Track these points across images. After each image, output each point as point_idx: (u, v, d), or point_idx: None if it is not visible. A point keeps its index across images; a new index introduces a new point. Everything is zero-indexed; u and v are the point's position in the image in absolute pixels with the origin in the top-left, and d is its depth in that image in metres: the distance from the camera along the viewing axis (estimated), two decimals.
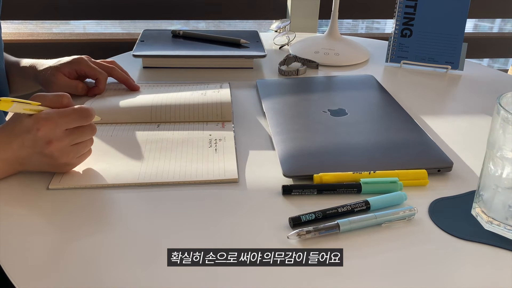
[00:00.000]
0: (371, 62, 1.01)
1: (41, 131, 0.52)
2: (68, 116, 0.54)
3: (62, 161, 0.55)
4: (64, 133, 0.53)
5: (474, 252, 0.48)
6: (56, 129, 0.52)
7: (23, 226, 0.50)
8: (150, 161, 0.61)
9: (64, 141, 0.53)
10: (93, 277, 0.44)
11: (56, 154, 0.53)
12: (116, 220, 0.52)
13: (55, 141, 0.53)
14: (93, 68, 0.78)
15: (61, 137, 0.53)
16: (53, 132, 0.52)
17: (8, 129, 0.54)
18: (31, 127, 0.52)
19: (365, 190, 0.56)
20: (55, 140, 0.53)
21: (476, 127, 0.74)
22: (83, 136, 0.56)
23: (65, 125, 0.53)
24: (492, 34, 1.70)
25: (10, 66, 0.85)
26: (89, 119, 0.55)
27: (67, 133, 0.54)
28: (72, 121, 0.54)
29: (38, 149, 0.53)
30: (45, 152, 0.53)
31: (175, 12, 1.36)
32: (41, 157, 0.54)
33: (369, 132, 0.68)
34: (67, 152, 0.54)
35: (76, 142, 0.55)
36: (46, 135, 0.52)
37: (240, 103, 0.79)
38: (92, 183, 0.56)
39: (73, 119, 0.54)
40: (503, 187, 0.49)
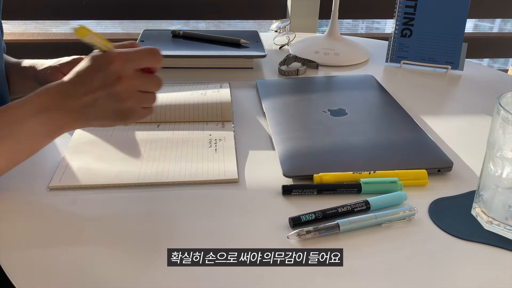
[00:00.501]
0: (371, 62, 1.01)
1: (113, 64, 0.50)
2: (140, 52, 0.52)
3: (128, 105, 0.52)
4: (134, 73, 0.52)
5: (474, 252, 0.48)
6: (127, 65, 0.51)
7: (23, 226, 0.50)
8: (150, 161, 0.61)
9: (132, 81, 0.51)
10: (93, 277, 0.44)
11: (123, 95, 0.51)
12: (116, 220, 0.52)
13: (125, 79, 0.51)
14: None
15: (130, 76, 0.51)
16: (124, 67, 0.51)
17: (77, 73, 0.52)
18: (102, 63, 0.51)
19: (365, 190, 0.56)
20: (125, 77, 0.51)
21: (476, 127, 0.74)
22: (150, 84, 0.53)
23: (136, 61, 0.52)
24: (492, 34, 1.70)
25: (10, 67, 0.85)
26: (158, 57, 0.53)
27: (136, 74, 0.52)
28: (143, 58, 0.52)
29: (106, 89, 0.51)
30: (114, 89, 0.50)
31: (175, 12, 1.36)
32: (108, 99, 0.51)
33: (369, 132, 0.68)
34: (133, 95, 0.52)
35: (143, 90, 0.53)
36: (117, 70, 0.50)
37: (240, 103, 0.79)
38: (92, 183, 0.56)
39: (144, 56, 0.52)
40: (503, 187, 0.49)
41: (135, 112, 0.53)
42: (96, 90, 0.51)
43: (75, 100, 0.51)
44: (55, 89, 0.52)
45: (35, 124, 0.51)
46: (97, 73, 0.51)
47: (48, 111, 0.51)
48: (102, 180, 0.57)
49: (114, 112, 0.52)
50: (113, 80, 0.51)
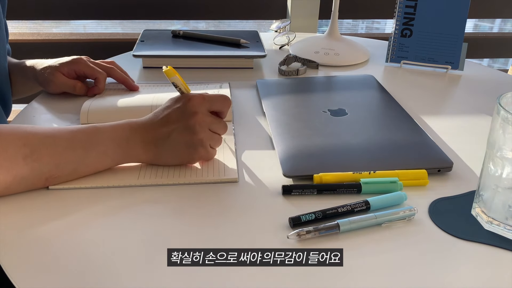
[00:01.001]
0: (371, 62, 1.01)
1: (191, 101, 0.57)
2: (214, 96, 0.59)
3: (199, 137, 0.57)
4: (208, 112, 0.58)
5: (474, 252, 0.48)
6: (203, 104, 0.57)
7: (23, 226, 0.50)
8: None
9: (206, 117, 0.58)
10: (93, 277, 0.44)
11: (197, 128, 0.56)
12: (116, 220, 0.52)
13: (200, 114, 0.57)
14: (92, 68, 0.78)
15: (205, 113, 0.57)
16: (200, 106, 0.57)
17: (156, 113, 0.59)
18: (182, 99, 0.58)
19: (365, 190, 0.56)
20: (200, 113, 0.57)
21: (476, 127, 0.74)
22: (219, 125, 0.60)
23: (211, 103, 0.58)
24: (492, 34, 1.70)
25: (12, 67, 0.85)
26: (229, 103, 0.60)
27: (209, 114, 0.58)
28: (216, 102, 0.59)
29: (183, 121, 0.56)
30: (189, 122, 0.56)
31: (175, 12, 1.36)
32: (182, 130, 0.56)
33: (369, 132, 0.68)
34: (206, 130, 0.58)
35: (213, 130, 0.59)
36: (194, 106, 0.57)
37: (240, 103, 0.79)
38: (92, 184, 0.56)
39: (217, 100, 0.59)
40: (503, 187, 0.49)
41: (204, 146, 0.58)
42: (173, 122, 0.57)
43: (151, 132, 0.57)
44: (136, 124, 0.58)
45: (108, 148, 0.56)
46: (176, 109, 0.57)
47: (124, 140, 0.57)
48: (102, 180, 0.57)
49: (185, 143, 0.57)
50: (190, 114, 0.57)
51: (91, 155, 0.55)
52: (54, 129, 0.56)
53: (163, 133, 0.57)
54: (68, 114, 0.74)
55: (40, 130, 0.55)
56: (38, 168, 0.52)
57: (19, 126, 0.55)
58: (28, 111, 0.76)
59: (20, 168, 0.51)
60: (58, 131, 0.55)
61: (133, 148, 0.57)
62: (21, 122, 0.72)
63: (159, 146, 0.57)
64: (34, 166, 0.52)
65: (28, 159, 0.51)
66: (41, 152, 0.52)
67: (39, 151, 0.52)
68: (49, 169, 0.53)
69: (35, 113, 0.75)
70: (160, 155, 0.58)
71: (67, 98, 0.78)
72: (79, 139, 0.55)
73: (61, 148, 0.54)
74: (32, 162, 0.52)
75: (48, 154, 0.53)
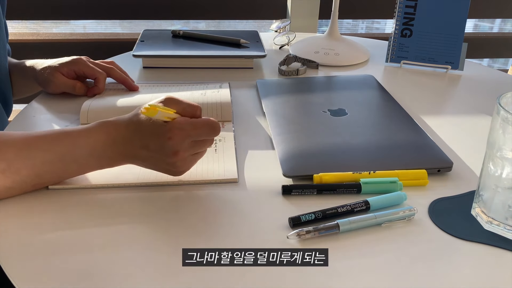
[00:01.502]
0: (371, 62, 1.01)
1: (172, 140, 0.52)
2: (200, 129, 0.54)
3: (181, 170, 0.55)
4: (190, 144, 0.53)
5: (474, 252, 0.48)
6: (186, 140, 0.53)
7: (23, 226, 0.50)
8: None
9: (188, 152, 0.54)
10: (93, 277, 0.44)
11: (178, 164, 0.54)
12: (115, 220, 0.52)
13: (181, 152, 0.53)
14: (92, 68, 0.78)
15: (187, 149, 0.53)
16: (183, 143, 0.52)
17: (137, 128, 0.53)
18: (163, 134, 0.52)
19: (365, 190, 0.56)
20: (182, 151, 0.53)
21: (476, 127, 0.74)
22: (204, 146, 0.56)
23: (195, 137, 0.53)
24: (492, 34, 1.70)
25: (12, 67, 0.85)
26: (217, 133, 0.55)
27: (192, 144, 0.54)
28: (202, 134, 0.54)
29: (162, 156, 0.53)
30: (169, 161, 0.53)
31: (175, 12, 1.35)
32: (161, 162, 0.54)
33: (369, 132, 0.68)
34: (188, 162, 0.55)
35: (196, 152, 0.55)
36: (175, 145, 0.52)
37: (240, 103, 0.79)
38: (92, 183, 0.56)
39: (203, 132, 0.54)
40: (503, 187, 0.49)
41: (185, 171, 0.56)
42: (152, 151, 0.53)
43: (131, 148, 0.54)
44: (114, 129, 0.54)
45: (88, 161, 0.54)
46: (156, 140, 0.52)
47: (103, 153, 0.54)
48: (102, 180, 0.57)
49: (166, 170, 0.55)
50: (170, 153, 0.52)
51: (71, 166, 0.54)
52: (29, 138, 0.53)
53: (142, 155, 0.54)
54: (68, 114, 0.74)
55: (16, 142, 0.52)
56: (19, 179, 0.52)
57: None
58: (28, 111, 0.76)
59: (2, 181, 0.51)
60: (35, 142, 0.53)
61: (113, 160, 0.55)
62: (21, 122, 0.73)
63: (138, 161, 0.55)
64: (15, 179, 0.51)
65: (7, 172, 0.51)
66: (18, 165, 0.51)
67: (16, 164, 0.51)
68: (31, 179, 0.53)
69: (35, 113, 0.75)
70: (139, 166, 0.56)
71: (67, 98, 0.78)
72: (57, 152, 0.53)
73: (38, 161, 0.52)
74: (12, 174, 0.51)
75: (26, 167, 0.52)
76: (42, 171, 0.53)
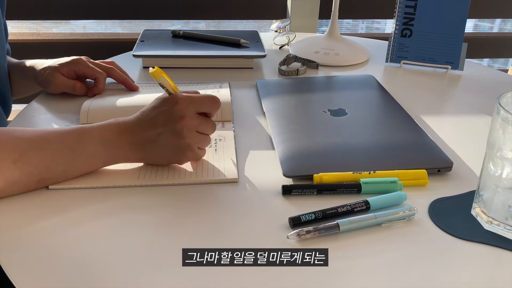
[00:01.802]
0: (371, 62, 1.01)
1: (178, 105, 0.56)
2: (202, 99, 0.58)
3: (187, 142, 0.57)
4: (195, 114, 0.57)
5: (474, 252, 0.48)
6: (190, 106, 0.56)
7: (23, 226, 0.50)
8: None
9: (193, 120, 0.57)
10: (93, 277, 0.44)
11: (184, 132, 0.56)
12: (115, 220, 0.52)
13: (187, 118, 0.56)
14: (92, 68, 0.78)
15: (192, 116, 0.57)
16: (187, 109, 0.56)
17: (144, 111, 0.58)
18: (169, 103, 0.56)
19: (365, 190, 0.56)
20: (187, 117, 0.56)
21: (476, 127, 0.74)
22: (207, 126, 0.59)
23: (198, 105, 0.57)
24: (492, 34, 1.70)
25: (12, 67, 0.85)
26: (218, 105, 0.59)
27: (196, 116, 0.57)
28: (204, 104, 0.58)
29: (169, 125, 0.56)
30: (176, 126, 0.56)
31: (175, 12, 1.35)
32: (169, 134, 0.56)
33: (369, 132, 0.68)
34: (193, 134, 0.57)
35: (200, 131, 0.58)
36: (181, 109, 0.56)
37: (240, 103, 0.79)
38: (92, 184, 0.56)
39: (205, 102, 0.58)
40: (503, 187, 0.49)
41: (191, 150, 0.58)
42: (160, 126, 0.56)
43: (139, 134, 0.57)
44: (124, 122, 0.58)
45: (97, 150, 0.56)
46: (163, 111, 0.56)
47: (113, 142, 0.56)
48: (102, 180, 0.57)
49: (172, 147, 0.57)
50: (177, 118, 0.56)
51: (80, 157, 0.56)
52: (42, 132, 0.56)
53: (150, 136, 0.56)
54: (68, 114, 0.74)
55: (28, 134, 0.55)
56: (28, 170, 0.53)
57: (6, 130, 0.54)
58: (28, 111, 0.76)
59: (11, 172, 0.51)
60: (47, 134, 0.55)
61: (121, 150, 0.57)
62: (21, 122, 0.72)
63: (146, 148, 0.57)
64: (25, 169, 0.52)
65: (18, 162, 0.52)
66: (31, 155, 0.53)
67: (28, 154, 0.52)
68: (40, 171, 0.53)
69: (35, 113, 0.75)
70: (148, 156, 0.58)
71: (67, 98, 0.78)
72: (68, 141, 0.55)
73: (50, 151, 0.54)
74: (22, 165, 0.52)
75: (38, 157, 0.53)
76: (52, 161, 0.54)
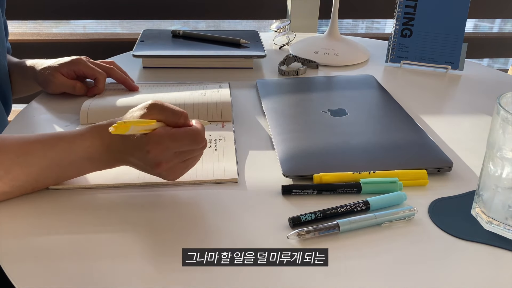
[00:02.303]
0: (371, 62, 1.01)
1: (151, 153, 0.51)
2: (181, 140, 0.52)
3: (170, 178, 0.55)
4: (174, 154, 0.52)
5: (474, 252, 0.48)
6: (166, 152, 0.51)
7: (23, 226, 0.50)
8: None
9: (173, 161, 0.52)
10: (93, 277, 0.44)
11: (164, 173, 0.54)
12: (115, 220, 0.52)
13: (164, 163, 0.52)
14: (92, 68, 0.78)
15: (170, 159, 0.52)
16: (163, 155, 0.51)
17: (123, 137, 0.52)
18: (142, 147, 0.51)
19: (365, 190, 0.56)
20: (164, 162, 0.52)
21: (476, 127, 0.74)
22: (193, 154, 0.54)
23: (176, 149, 0.52)
24: (492, 34, 1.70)
25: (12, 66, 0.85)
26: (200, 144, 0.53)
27: (176, 155, 0.52)
28: (183, 146, 0.52)
29: (147, 167, 0.53)
30: (153, 172, 0.53)
31: (175, 12, 1.35)
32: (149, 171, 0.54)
33: (369, 132, 0.68)
34: (175, 170, 0.54)
35: (185, 159, 0.54)
36: (156, 157, 0.51)
37: (240, 103, 0.79)
38: (92, 184, 0.56)
39: (184, 144, 0.52)
40: (503, 187, 0.49)
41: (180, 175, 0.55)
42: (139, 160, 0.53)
43: (124, 154, 0.53)
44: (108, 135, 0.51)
45: (84, 165, 0.54)
46: (137, 152, 0.52)
47: (99, 159, 0.54)
48: (101, 180, 0.57)
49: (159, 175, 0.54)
50: (153, 164, 0.52)
51: (68, 171, 0.55)
52: (27, 144, 0.53)
53: (133, 161, 0.54)
54: (68, 114, 0.74)
55: (13, 148, 0.52)
56: (17, 185, 0.52)
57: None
58: (28, 111, 0.76)
59: (0, 187, 0.51)
60: (31, 148, 0.52)
61: (108, 164, 0.55)
62: (21, 122, 0.72)
63: (131, 165, 0.55)
64: (13, 184, 0.52)
65: (4, 179, 0.51)
66: (16, 173, 0.51)
67: (13, 172, 0.51)
68: (30, 183, 0.53)
69: (35, 113, 0.75)
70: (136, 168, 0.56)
71: (67, 98, 0.78)
72: (53, 157, 0.53)
73: (36, 167, 0.52)
74: (10, 181, 0.51)
75: (23, 174, 0.52)
76: (40, 176, 0.53)
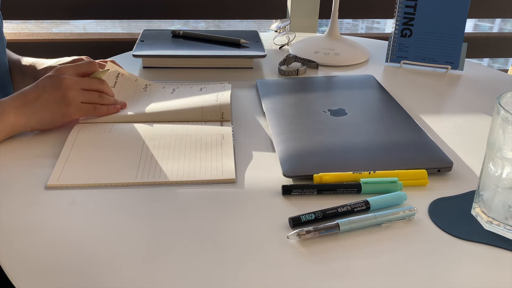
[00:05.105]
0: (371, 62, 1.01)
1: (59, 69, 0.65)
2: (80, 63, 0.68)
3: (70, 94, 0.64)
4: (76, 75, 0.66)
5: (474, 252, 0.48)
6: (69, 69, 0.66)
7: (22, 226, 0.50)
8: (148, 160, 0.61)
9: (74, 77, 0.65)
10: (93, 277, 0.44)
11: (65, 84, 0.63)
12: (114, 220, 0.52)
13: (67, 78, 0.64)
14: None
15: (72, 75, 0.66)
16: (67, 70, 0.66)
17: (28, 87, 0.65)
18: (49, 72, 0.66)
19: (365, 190, 0.56)
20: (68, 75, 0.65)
21: (476, 127, 0.74)
22: (90, 82, 0.67)
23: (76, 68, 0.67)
24: (492, 34, 1.70)
25: (11, 63, 0.85)
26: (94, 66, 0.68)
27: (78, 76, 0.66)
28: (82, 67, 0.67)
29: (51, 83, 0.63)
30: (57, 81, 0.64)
31: (175, 12, 1.36)
32: (51, 90, 0.63)
33: (369, 132, 0.68)
34: (74, 87, 0.64)
35: (84, 87, 0.66)
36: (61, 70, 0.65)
37: (240, 103, 0.79)
38: (89, 182, 0.56)
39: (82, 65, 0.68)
40: (503, 187, 0.49)
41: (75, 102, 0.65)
42: (41, 86, 0.63)
43: (21, 97, 0.63)
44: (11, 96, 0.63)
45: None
46: (45, 77, 0.65)
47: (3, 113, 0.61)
48: (99, 179, 0.57)
49: (56, 101, 0.64)
50: (58, 76, 0.64)
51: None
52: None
53: (33, 96, 0.62)
54: None
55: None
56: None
57: None
58: None
59: None
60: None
61: (6, 116, 0.61)
62: None
63: (30, 107, 0.62)
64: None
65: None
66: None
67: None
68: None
69: None
70: (33, 116, 0.63)
71: None
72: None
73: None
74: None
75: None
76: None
